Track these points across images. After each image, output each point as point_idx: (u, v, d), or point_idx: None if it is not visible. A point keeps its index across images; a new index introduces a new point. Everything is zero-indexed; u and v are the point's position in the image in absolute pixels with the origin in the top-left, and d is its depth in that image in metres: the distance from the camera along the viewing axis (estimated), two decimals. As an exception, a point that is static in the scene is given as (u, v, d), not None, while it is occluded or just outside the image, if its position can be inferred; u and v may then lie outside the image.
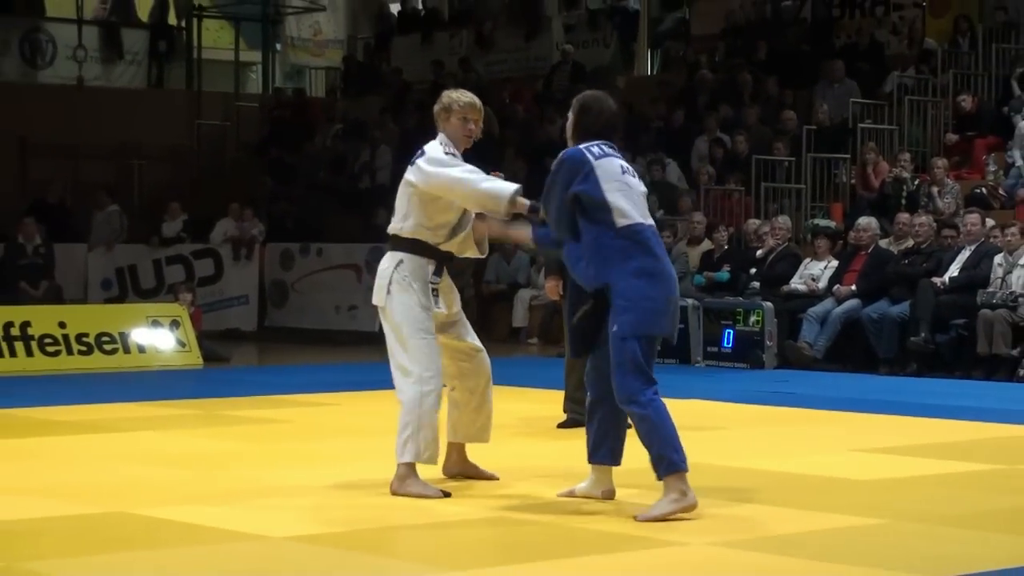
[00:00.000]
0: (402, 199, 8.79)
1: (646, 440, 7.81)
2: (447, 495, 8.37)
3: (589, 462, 8.27)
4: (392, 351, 8.63)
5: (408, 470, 8.48)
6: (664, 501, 7.72)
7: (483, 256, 9.12)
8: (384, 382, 14.86)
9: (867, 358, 17.03)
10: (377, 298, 8.70)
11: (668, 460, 7.73)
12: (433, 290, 8.62)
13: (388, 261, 8.74)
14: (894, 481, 9.44)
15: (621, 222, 7.81)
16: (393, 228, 8.84)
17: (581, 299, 8.09)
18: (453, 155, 8.64)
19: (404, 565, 6.93)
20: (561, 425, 11.77)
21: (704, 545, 7.34)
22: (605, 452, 8.20)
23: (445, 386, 8.79)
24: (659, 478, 7.80)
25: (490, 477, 8.98)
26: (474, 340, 8.92)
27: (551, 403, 12.12)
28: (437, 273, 8.68)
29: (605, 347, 7.91)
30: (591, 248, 7.87)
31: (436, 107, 8.87)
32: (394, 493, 8.45)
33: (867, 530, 7.77)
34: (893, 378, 16.27)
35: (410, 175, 8.73)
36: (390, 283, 8.61)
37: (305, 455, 10.60)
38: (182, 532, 7.65)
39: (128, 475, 9.60)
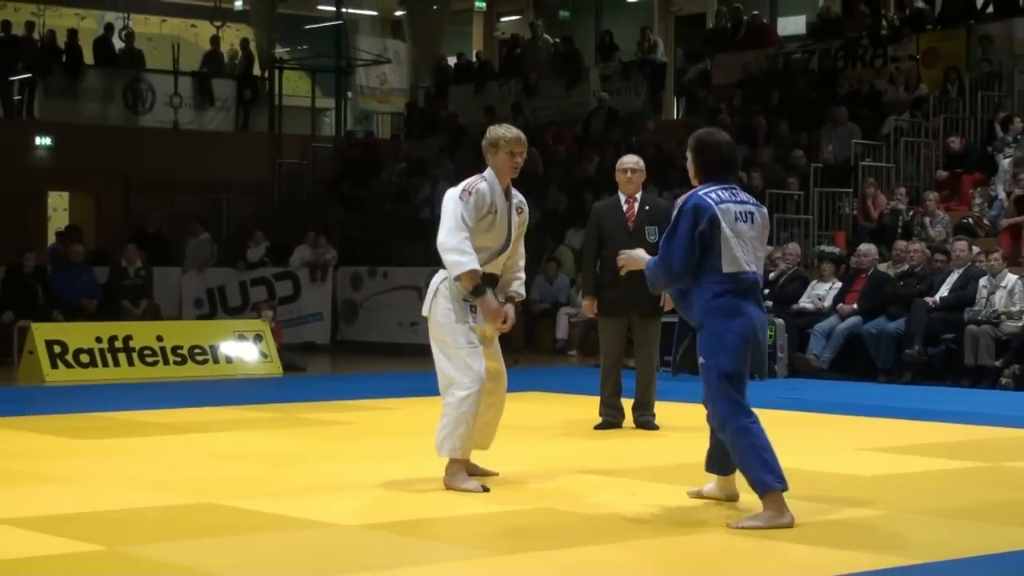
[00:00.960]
0: (444, 222, 8.68)
1: (740, 465, 7.51)
2: (487, 490, 8.28)
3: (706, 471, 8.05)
4: (437, 358, 8.49)
5: (458, 466, 8.38)
6: (762, 516, 7.36)
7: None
8: (438, 389, 14.86)
9: (867, 368, 16.97)
10: (425, 309, 8.64)
11: (761, 481, 7.38)
12: (471, 307, 8.43)
13: (437, 276, 8.62)
14: (893, 477, 9.39)
15: (730, 269, 7.44)
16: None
17: (684, 332, 7.98)
18: (471, 194, 8.60)
19: (453, 549, 6.91)
20: (597, 427, 11.72)
21: (723, 533, 7.29)
22: (714, 464, 7.97)
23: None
24: (761, 497, 7.46)
25: (493, 473, 8.82)
26: (500, 364, 8.72)
27: (589, 407, 12.06)
28: (475, 293, 8.43)
29: None
30: (696, 289, 7.55)
31: (484, 143, 8.74)
32: (447, 487, 8.36)
33: (870, 520, 7.72)
34: (891, 386, 16.20)
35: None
36: (435, 295, 8.52)
37: (371, 453, 10.59)
38: (263, 520, 7.65)
39: (216, 470, 9.60)
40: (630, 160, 11.81)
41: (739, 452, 7.48)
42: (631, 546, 7.01)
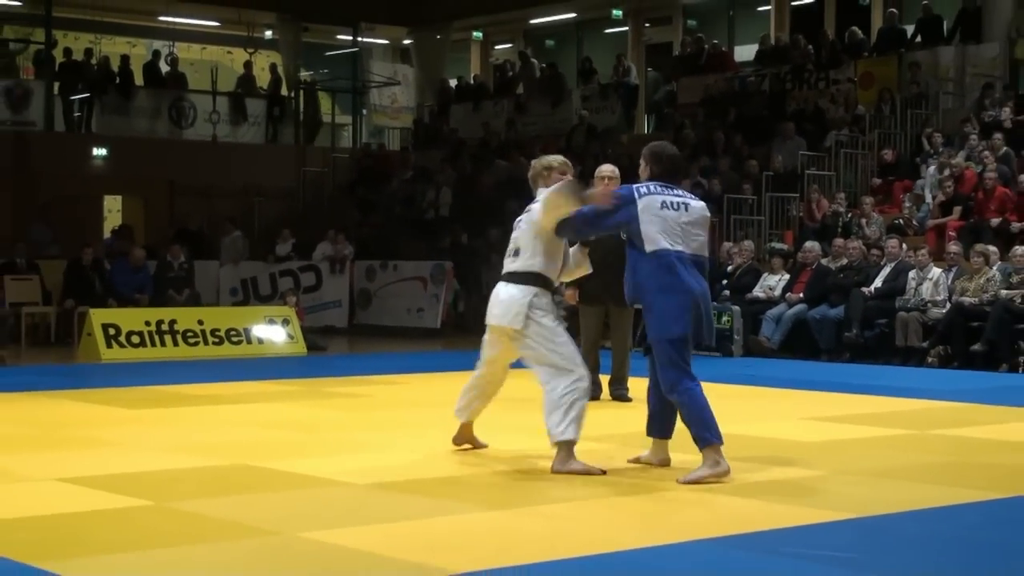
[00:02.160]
0: (530, 240, 7.97)
1: (686, 422, 7.64)
2: (604, 472, 7.70)
3: (647, 435, 8.06)
4: (543, 358, 7.78)
5: (570, 451, 7.75)
6: (701, 468, 7.50)
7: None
8: (442, 367, 14.92)
9: (812, 349, 16.98)
10: (516, 321, 7.84)
11: (703, 438, 7.54)
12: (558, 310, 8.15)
13: (521, 293, 7.89)
14: (832, 442, 9.40)
15: (650, 248, 7.58)
16: (522, 265, 7.96)
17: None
18: None
19: (453, 504, 6.91)
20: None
21: (685, 490, 7.31)
22: (654, 429, 7.99)
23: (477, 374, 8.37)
24: (700, 450, 7.59)
25: (483, 445, 8.63)
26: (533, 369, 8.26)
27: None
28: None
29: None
30: (630, 269, 7.69)
31: (534, 172, 8.26)
32: (556, 472, 7.68)
33: (810, 479, 7.74)
34: (832, 364, 16.22)
35: (533, 218, 7.96)
36: (530, 311, 7.82)
37: (384, 422, 10.60)
38: (290, 479, 7.66)
39: (249, 436, 9.61)
40: (607, 168, 11.79)
41: (684, 413, 7.66)
42: (607, 502, 7.03)
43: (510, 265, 8.04)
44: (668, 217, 7.67)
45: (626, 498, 7.11)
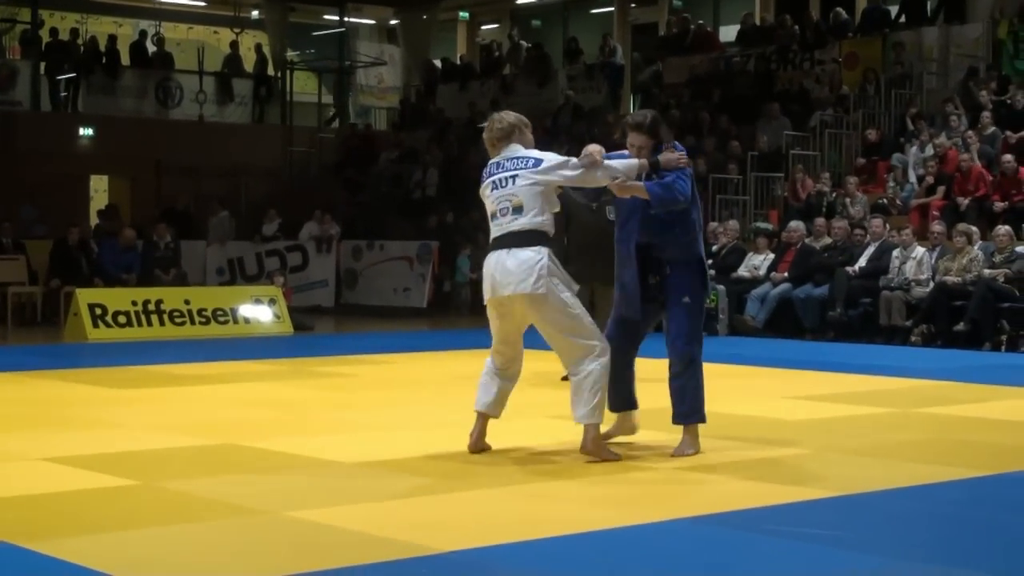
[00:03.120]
0: (534, 197, 7.48)
1: (697, 393, 7.77)
2: (620, 457, 7.48)
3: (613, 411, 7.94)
4: (566, 329, 7.40)
5: (599, 433, 7.47)
6: (690, 443, 7.69)
7: None
8: (429, 346, 14.94)
9: (796, 328, 17.02)
10: (535, 287, 7.29)
11: (701, 413, 7.81)
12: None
13: (536, 254, 7.34)
14: (816, 421, 9.43)
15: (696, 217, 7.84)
16: (530, 223, 7.41)
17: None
18: None
19: (440, 483, 6.93)
20: (564, 378, 11.69)
21: (670, 469, 7.34)
22: (622, 402, 7.93)
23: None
24: (686, 424, 7.77)
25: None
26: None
27: (557, 362, 12.06)
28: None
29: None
30: (681, 229, 7.78)
31: (508, 126, 7.85)
32: (589, 453, 7.40)
33: (796, 458, 7.77)
34: (816, 343, 16.26)
35: (541, 175, 7.50)
36: (547, 274, 7.31)
37: (371, 401, 10.62)
38: (277, 458, 7.67)
39: (236, 415, 9.61)
40: (594, 147, 11.79)
41: (697, 383, 7.70)
42: (590, 481, 7.05)
43: (512, 224, 7.43)
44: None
45: (608, 477, 7.13)
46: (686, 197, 7.58)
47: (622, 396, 7.92)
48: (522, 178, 7.54)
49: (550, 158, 7.62)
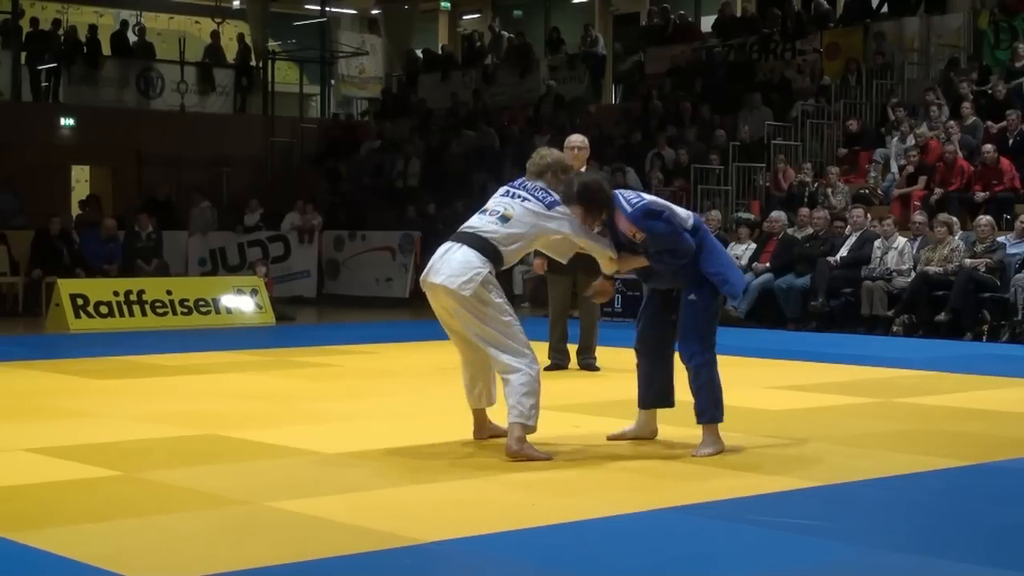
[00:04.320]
0: (524, 228, 7.46)
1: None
2: (551, 457, 7.31)
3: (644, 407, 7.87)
4: (497, 338, 7.31)
5: (525, 434, 7.29)
6: (713, 444, 7.47)
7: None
8: (411, 336, 14.91)
9: (778, 318, 17.03)
10: (462, 287, 7.27)
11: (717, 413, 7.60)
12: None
13: (481, 263, 7.32)
14: (799, 411, 9.44)
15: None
16: (498, 237, 7.40)
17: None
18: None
19: (425, 474, 6.91)
20: (547, 369, 11.69)
21: (652, 459, 7.34)
22: (654, 399, 7.83)
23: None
24: (707, 423, 7.59)
25: (504, 432, 7.85)
26: None
27: (539, 352, 11.98)
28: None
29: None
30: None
31: (544, 165, 7.66)
32: (516, 456, 7.22)
33: (778, 447, 7.77)
34: (798, 333, 16.27)
35: (546, 218, 7.45)
36: (484, 282, 7.28)
37: (353, 391, 10.60)
38: (258, 449, 7.65)
39: (218, 406, 9.59)
40: (577, 138, 11.79)
41: (703, 383, 7.56)
42: (574, 473, 7.04)
43: (486, 228, 7.43)
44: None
45: (593, 469, 7.13)
46: (687, 252, 7.41)
47: (655, 390, 7.75)
48: (532, 204, 7.51)
49: (566, 211, 7.49)
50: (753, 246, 17.94)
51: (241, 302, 18.21)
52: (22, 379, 11.38)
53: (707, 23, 28.03)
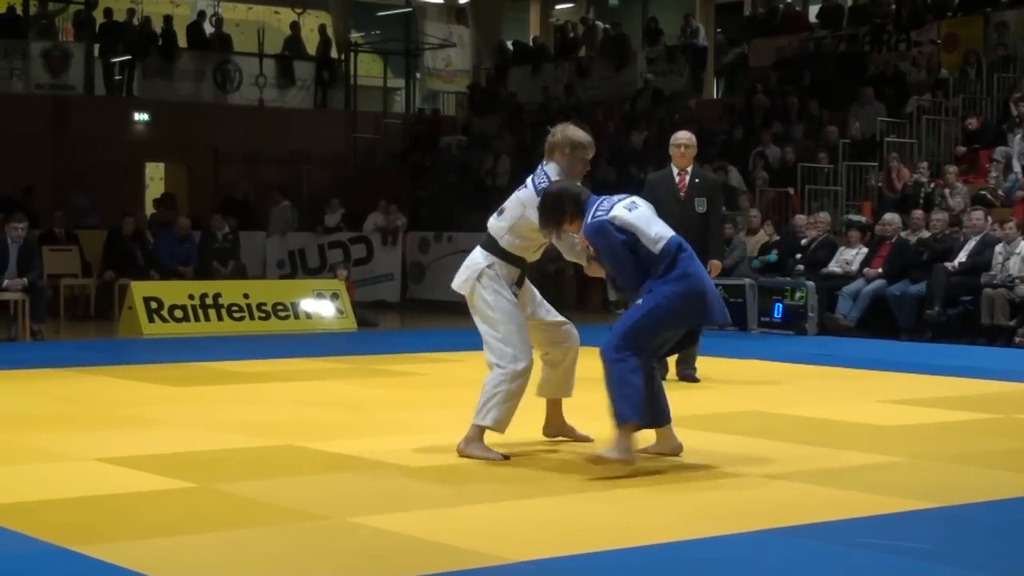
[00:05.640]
0: (516, 210, 7.76)
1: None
2: (507, 457, 7.60)
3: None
4: (486, 335, 7.76)
5: (477, 433, 7.68)
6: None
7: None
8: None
9: (891, 327, 16.88)
10: (464, 288, 7.83)
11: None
12: (515, 291, 7.84)
13: (482, 259, 7.79)
14: (912, 427, 9.35)
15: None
16: (496, 230, 7.80)
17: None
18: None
19: (515, 489, 6.90)
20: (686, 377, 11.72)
21: (758, 476, 7.29)
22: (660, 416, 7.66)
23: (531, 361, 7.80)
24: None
25: (585, 439, 8.18)
26: (556, 316, 8.07)
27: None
28: (518, 283, 7.86)
29: None
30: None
31: (556, 143, 7.87)
32: (460, 453, 7.65)
33: (889, 466, 7.70)
34: (912, 344, 16.11)
35: (528, 204, 7.65)
36: (479, 279, 7.74)
37: (438, 401, 10.63)
38: (339, 460, 7.69)
39: (296, 415, 9.65)
40: (684, 136, 11.77)
41: (610, 382, 7.32)
42: (670, 488, 7.01)
43: (491, 220, 7.89)
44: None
45: (691, 484, 7.10)
46: (629, 286, 7.51)
47: (653, 410, 7.54)
48: (523, 192, 7.78)
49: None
50: (864, 250, 17.80)
51: (321, 306, 18.33)
52: (93, 386, 11.52)
53: (815, 12, 27.87)
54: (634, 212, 7.42)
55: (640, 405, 7.24)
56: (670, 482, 7.13)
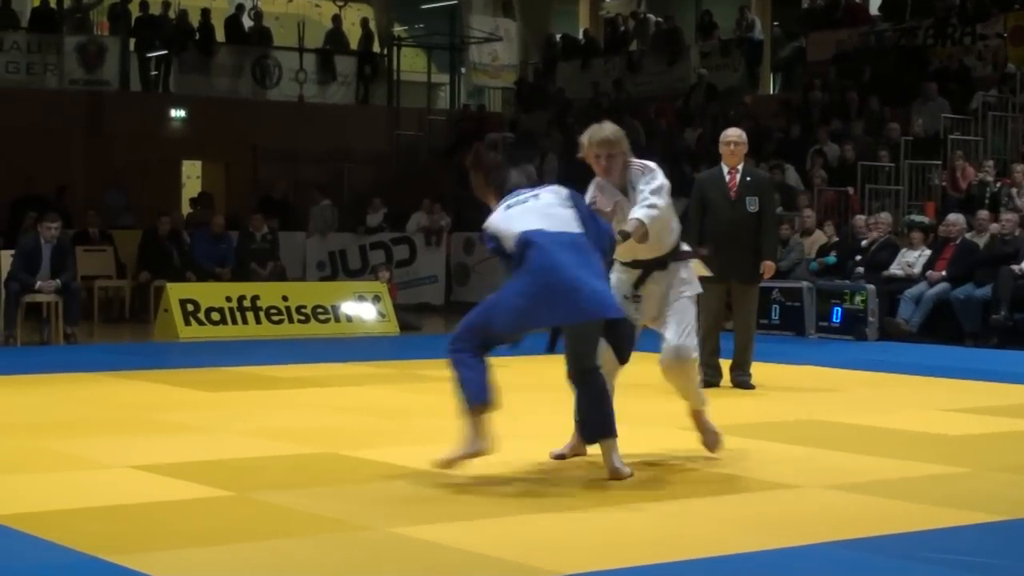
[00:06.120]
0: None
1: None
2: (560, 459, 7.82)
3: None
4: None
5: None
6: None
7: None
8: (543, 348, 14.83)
9: (955, 333, 16.78)
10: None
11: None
12: (635, 296, 7.90)
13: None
14: (977, 436, 9.29)
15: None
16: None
17: None
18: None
19: (560, 500, 6.90)
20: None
21: (815, 487, 7.26)
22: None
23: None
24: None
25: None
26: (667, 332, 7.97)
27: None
28: (636, 285, 7.98)
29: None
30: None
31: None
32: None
33: (954, 477, 7.65)
34: (977, 350, 16.02)
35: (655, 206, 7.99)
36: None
37: (482, 408, 10.60)
38: (380, 469, 7.70)
39: (337, 422, 9.68)
40: (733, 133, 11.76)
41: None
42: (720, 500, 7.00)
43: None
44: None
45: (743, 496, 7.08)
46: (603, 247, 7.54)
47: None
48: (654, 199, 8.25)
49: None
50: (927, 252, 17.71)
51: (362, 309, 18.37)
52: (128, 390, 11.58)
53: (876, 4, 27.74)
54: (509, 211, 7.53)
55: (480, 387, 7.45)
56: (722, 493, 7.11)
